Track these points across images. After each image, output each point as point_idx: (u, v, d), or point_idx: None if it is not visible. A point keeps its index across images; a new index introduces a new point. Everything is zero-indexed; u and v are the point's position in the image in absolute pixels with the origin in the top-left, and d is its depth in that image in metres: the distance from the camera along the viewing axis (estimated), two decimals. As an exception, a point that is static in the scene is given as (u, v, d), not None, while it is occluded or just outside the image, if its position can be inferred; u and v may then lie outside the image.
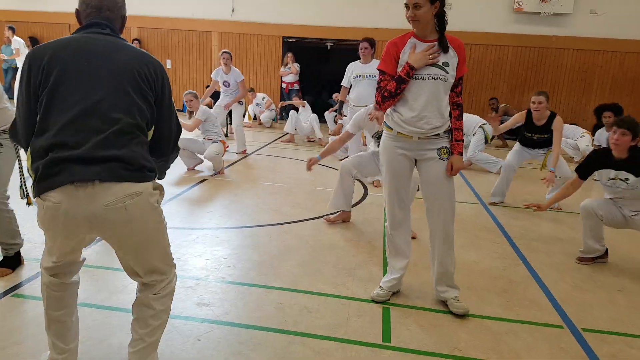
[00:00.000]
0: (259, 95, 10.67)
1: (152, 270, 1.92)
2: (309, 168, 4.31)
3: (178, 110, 11.65)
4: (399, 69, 2.63)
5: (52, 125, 1.70)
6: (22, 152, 1.82)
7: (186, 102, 6.05)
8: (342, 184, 4.28)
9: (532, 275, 3.44)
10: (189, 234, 3.90)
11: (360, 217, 4.54)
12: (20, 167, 2.83)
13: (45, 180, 1.67)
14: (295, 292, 2.96)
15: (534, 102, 4.96)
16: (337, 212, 4.39)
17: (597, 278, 3.46)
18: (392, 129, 2.75)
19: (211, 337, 2.42)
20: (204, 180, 5.69)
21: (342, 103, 6.68)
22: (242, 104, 7.64)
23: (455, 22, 11.35)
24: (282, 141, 8.89)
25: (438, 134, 2.68)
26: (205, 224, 4.16)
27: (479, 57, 11.04)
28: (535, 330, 2.69)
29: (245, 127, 8.53)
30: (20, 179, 2.68)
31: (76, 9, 1.93)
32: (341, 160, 5.24)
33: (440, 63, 2.59)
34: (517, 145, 5.33)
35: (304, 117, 9.06)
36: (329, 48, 11.66)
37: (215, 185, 5.53)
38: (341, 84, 6.35)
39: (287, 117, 9.04)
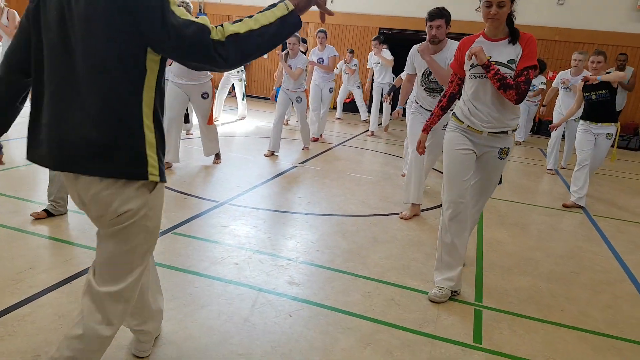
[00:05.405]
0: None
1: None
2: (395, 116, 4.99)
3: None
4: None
5: None
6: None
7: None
8: (416, 172, 4.24)
9: (641, 294, 3.17)
10: (281, 216, 4.03)
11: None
12: None
13: None
14: (382, 283, 2.96)
15: (592, 62, 5.01)
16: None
17: None
18: (462, 122, 2.77)
19: (301, 315, 2.50)
20: (293, 167, 5.83)
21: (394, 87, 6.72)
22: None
23: (566, 20, 10.73)
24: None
25: (507, 132, 2.73)
26: (295, 209, 4.27)
27: (592, 57, 10.22)
28: (643, 352, 2.48)
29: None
30: None
31: None
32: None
33: (506, 61, 2.59)
34: (580, 127, 5.11)
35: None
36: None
37: (303, 173, 5.65)
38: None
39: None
